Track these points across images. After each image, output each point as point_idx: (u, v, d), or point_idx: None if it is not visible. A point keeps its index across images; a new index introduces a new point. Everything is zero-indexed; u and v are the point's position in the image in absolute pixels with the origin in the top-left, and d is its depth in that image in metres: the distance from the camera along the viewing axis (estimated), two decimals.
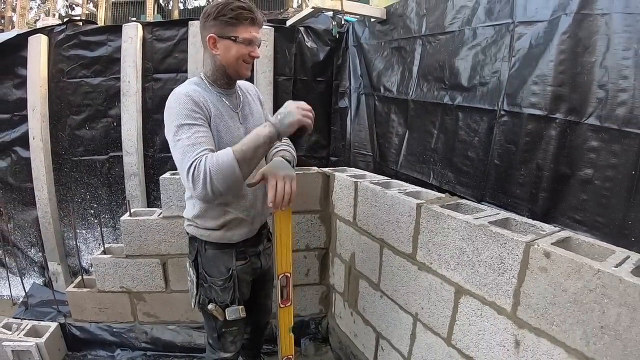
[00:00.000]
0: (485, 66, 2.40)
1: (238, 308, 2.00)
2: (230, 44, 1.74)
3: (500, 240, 1.63)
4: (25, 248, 4.54)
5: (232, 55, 1.76)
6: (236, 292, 2.00)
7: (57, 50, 4.15)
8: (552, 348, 1.46)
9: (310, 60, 4.04)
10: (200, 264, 2.00)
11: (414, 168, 2.96)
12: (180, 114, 1.66)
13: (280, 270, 2.00)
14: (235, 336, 2.16)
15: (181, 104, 1.67)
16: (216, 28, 1.73)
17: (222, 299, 1.99)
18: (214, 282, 1.98)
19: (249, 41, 1.75)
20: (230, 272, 1.98)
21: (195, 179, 1.55)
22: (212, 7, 1.74)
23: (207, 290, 2.01)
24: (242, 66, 1.80)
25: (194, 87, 1.78)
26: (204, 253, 1.99)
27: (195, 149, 1.59)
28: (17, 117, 4.29)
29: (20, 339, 2.99)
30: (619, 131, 1.73)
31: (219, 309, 1.99)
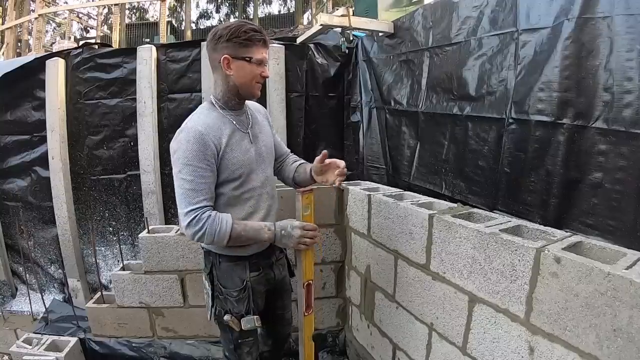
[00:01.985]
0: (491, 75, 2.42)
1: (253, 318, 2.01)
2: (244, 64, 1.79)
3: (511, 247, 1.64)
4: (46, 265, 4.62)
5: (246, 75, 1.81)
6: (251, 303, 2.02)
7: (74, 72, 4.25)
8: (566, 353, 1.45)
9: (321, 76, 4.10)
10: (215, 277, 2.03)
11: (426, 179, 2.97)
12: (187, 154, 1.74)
13: (305, 278, 2.04)
14: (251, 347, 2.17)
15: (190, 143, 1.74)
16: (229, 49, 1.77)
17: (237, 309, 2.01)
18: (229, 293, 2.00)
19: (261, 61, 1.82)
20: (245, 283, 2.00)
21: (190, 227, 1.74)
22: (223, 29, 1.79)
23: (222, 302, 2.03)
24: (255, 86, 1.87)
25: (206, 118, 1.84)
26: (218, 266, 2.02)
27: (196, 197, 1.75)
28: (36, 138, 4.40)
29: (40, 353, 3.02)
30: (626, 133, 1.74)
31: (235, 320, 2.00)
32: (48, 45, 9.37)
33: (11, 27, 9.31)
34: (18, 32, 9.81)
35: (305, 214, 1.91)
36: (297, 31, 6.02)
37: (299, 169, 2.18)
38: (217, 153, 1.80)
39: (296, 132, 4.16)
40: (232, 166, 1.84)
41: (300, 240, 1.85)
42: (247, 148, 1.92)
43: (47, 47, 8.93)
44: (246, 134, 1.94)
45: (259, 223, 1.88)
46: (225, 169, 1.83)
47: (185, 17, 11.24)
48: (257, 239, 1.86)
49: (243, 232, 1.81)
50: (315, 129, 4.23)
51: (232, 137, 1.86)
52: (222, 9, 20.03)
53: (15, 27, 9.48)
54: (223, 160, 1.82)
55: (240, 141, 1.89)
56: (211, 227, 1.74)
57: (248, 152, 1.92)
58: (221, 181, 1.85)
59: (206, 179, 1.77)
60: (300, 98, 4.12)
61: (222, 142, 1.81)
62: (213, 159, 1.78)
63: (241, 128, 1.92)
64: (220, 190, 1.87)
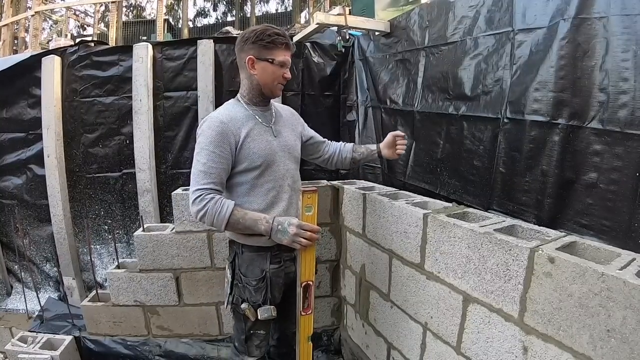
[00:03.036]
0: (487, 75, 2.42)
1: (270, 307, 2.07)
2: (267, 65, 1.92)
3: (505, 247, 1.64)
4: (41, 263, 4.61)
5: (268, 75, 1.94)
6: (268, 294, 2.08)
7: (70, 70, 4.25)
8: (560, 353, 1.45)
9: (318, 75, 4.11)
10: (237, 266, 2.10)
11: (421, 179, 2.97)
12: (206, 139, 1.88)
13: (304, 278, 2.04)
14: (261, 340, 2.23)
15: (210, 130, 1.88)
16: (254, 51, 1.90)
17: (254, 299, 2.07)
18: (248, 282, 2.07)
19: (283, 63, 1.94)
20: (264, 273, 2.06)
21: (194, 205, 1.85)
22: (250, 32, 1.92)
23: (241, 291, 2.10)
24: (276, 86, 2.00)
25: (229, 111, 1.97)
26: (241, 255, 2.09)
27: (205, 179, 1.86)
28: (32, 136, 4.39)
29: (35, 351, 3.02)
30: (621, 133, 1.74)
31: (251, 309, 2.06)
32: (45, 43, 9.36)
33: (8, 25, 9.28)
34: (15, 29, 9.78)
35: (308, 214, 1.91)
36: (294, 30, 6.00)
37: (357, 149, 2.44)
38: (237, 143, 1.91)
39: None
40: (252, 155, 1.94)
41: (295, 238, 1.86)
42: (269, 140, 2.02)
43: (43, 45, 8.91)
44: (269, 128, 2.05)
45: (259, 214, 1.92)
46: (246, 158, 1.94)
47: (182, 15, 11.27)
48: (253, 229, 1.90)
49: (241, 219, 1.87)
50: (311, 128, 4.13)
51: (254, 129, 1.97)
52: (219, 7, 20.03)
53: (12, 25, 9.46)
54: (242, 149, 1.93)
55: (261, 133, 2.00)
56: (212, 208, 1.83)
57: (270, 143, 2.01)
58: (242, 169, 1.96)
59: (218, 165, 1.87)
60: (297, 97, 4.14)
61: (242, 133, 1.93)
62: (229, 147, 1.89)
63: (264, 122, 2.04)
64: (242, 179, 1.98)
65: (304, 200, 1.89)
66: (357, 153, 2.43)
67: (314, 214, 1.92)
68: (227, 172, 1.93)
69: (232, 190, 2.01)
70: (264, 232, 1.89)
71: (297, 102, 4.13)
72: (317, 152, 2.46)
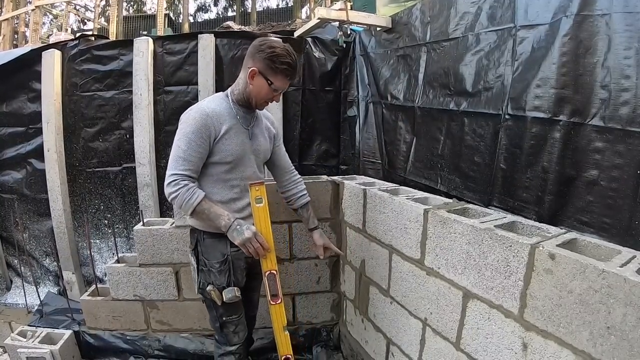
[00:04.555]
0: (489, 71, 2.42)
1: (234, 289, 2.15)
2: (264, 84, 2.01)
3: (505, 243, 1.63)
4: (40, 257, 4.61)
5: (261, 93, 2.04)
6: (231, 276, 2.18)
7: (71, 64, 4.23)
8: (560, 350, 1.45)
9: (319, 71, 4.09)
10: (200, 252, 2.21)
11: (421, 174, 2.97)
12: (189, 127, 1.98)
13: (266, 268, 2.15)
14: (236, 326, 2.32)
15: (194, 120, 1.99)
16: (261, 65, 1.98)
17: (219, 281, 2.16)
18: (212, 265, 2.17)
19: (278, 89, 2.05)
20: (226, 257, 2.16)
21: (169, 187, 1.98)
22: (269, 46, 1.97)
23: (206, 275, 2.20)
24: (263, 104, 2.12)
25: (215, 105, 2.07)
26: (202, 242, 2.19)
27: (183, 165, 1.99)
28: (32, 130, 4.38)
29: (34, 346, 3.01)
30: (623, 131, 1.74)
31: (217, 291, 2.15)
32: (45, 38, 9.34)
33: (8, 19, 9.24)
34: (15, 24, 9.75)
35: (258, 205, 2.03)
36: (295, 25, 5.98)
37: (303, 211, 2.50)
38: (215, 137, 2.02)
39: (292, 125, 4.16)
40: (225, 151, 2.05)
41: (245, 242, 2.01)
42: (243, 141, 2.12)
43: (43, 39, 8.89)
44: (246, 130, 2.15)
45: (223, 211, 2.04)
46: (219, 152, 2.05)
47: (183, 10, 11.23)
48: (215, 222, 2.02)
49: (206, 211, 2.00)
50: (312, 123, 4.24)
51: (232, 128, 2.07)
52: (220, 2, 19.99)
53: (12, 19, 9.42)
54: (218, 144, 2.03)
55: (238, 133, 2.10)
56: (183, 194, 1.96)
57: (243, 144, 2.12)
58: (214, 161, 2.07)
59: (196, 154, 1.99)
60: (297, 92, 4.12)
61: (222, 129, 2.03)
62: (208, 139, 2.00)
63: (243, 124, 2.14)
64: (212, 170, 2.10)
65: (252, 192, 2.02)
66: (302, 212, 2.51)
67: (265, 205, 2.04)
68: (203, 161, 2.04)
69: (201, 178, 2.10)
70: (222, 227, 2.02)
71: (298, 98, 4.13)
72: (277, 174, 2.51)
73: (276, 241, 3.02)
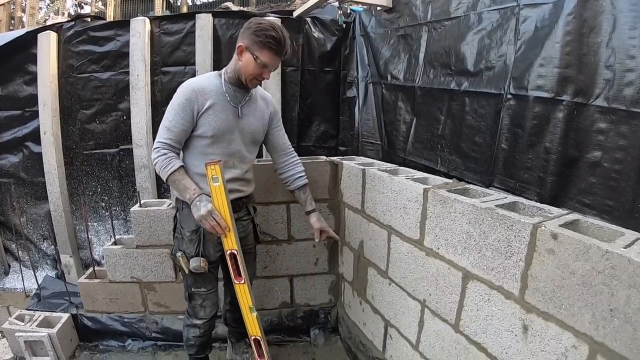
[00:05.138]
0: (491, 50, 2.38)
1: (200, 259, 2.22)
2: (251, 59, 2.04)
3: (507, 222, 1.61)
4: (38, 241, 4.60)
5: (248, 69, 2.07)
6: (200, 246, 2.25)
7: (67, 46, 4.18)
8: (561, 332, 1.43)
9: (318, 51, 4.04)
10: (178, 220, 2.30)
11: (421, 155, 2.94)
12: (177, 100, 2.09)
13: (226, 247, 2.17)
14: (204, 300, 2.40)
15: (182, 94, 2.09)
16: (248, 41, 2.03)
17: (189, 250, 2.25)
18: (184, 233, 2.26)
19: (265, 65, 2.05)
20: (198, 227, 2.21)
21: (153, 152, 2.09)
22: (257, 23, 2.03)
23: (179, 242, 2.29)
24: (252, 81, 2.13)
25: (204, 82, 2.14)
26: (182, 211, 2.27)
27: (167, 134, 2.08)
28: (28, 113, 4.34)
29: (32, 329, 3.01)
30: (627, 112, 1.71)
31: (184, 258, 2.24)
32: (42, 22, 9.23)
33: (4, 4, 9.13)
34: (11, 9, 9.64)
35: (215, 185, 2.02)
36: (294, 5, 5.91)
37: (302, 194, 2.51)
38: (199, 111, 2.09)
39: (291, 106, 4.12)
40: (207, 125, 2.12)
41: (201, 218, 2.05)
42: (228, 118, 2.17)
43: (40, 24, 8.79)
44: (235, 108, 2.19)
45: (193, 185, 2.11)
46: (202, 126, 2.12)
47: None
48: (182, 193, 2.11)
49: (177, 182, 2.09)
50: (311, 104, 4.20)
51: (217, 104, 2.13)
52: None
53: (8, 4, 9.31)
54: (201, 118, 2.11)
55: (223, 110, 2.15)
56: (161, 162, 2.06)
57: (227, 121, 2.17)
58: (197, 135, 2.14)
59: (180, 126, 2.09)
60: (296, 72, 4.08)
61: (206, 104, 2.09)
62: (192, 113, 2.08)
63: (232, 101, 2.18)
64: (195, 143, 2.17)
65: (208, 172, 2.01)
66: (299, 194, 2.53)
67: (221, 185, 2.03)
68: (186, 133, 2.13)
69: (186, 150, 2.21)
70: (187, 200, 2.09)
71: (297, 78, 4.08)
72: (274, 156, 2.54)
73: (274, 222, 3.03)
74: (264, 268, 3.14)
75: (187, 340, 2.54)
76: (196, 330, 2.46)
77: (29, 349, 3.00)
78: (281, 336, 3.28)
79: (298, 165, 2.50)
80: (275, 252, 3.12)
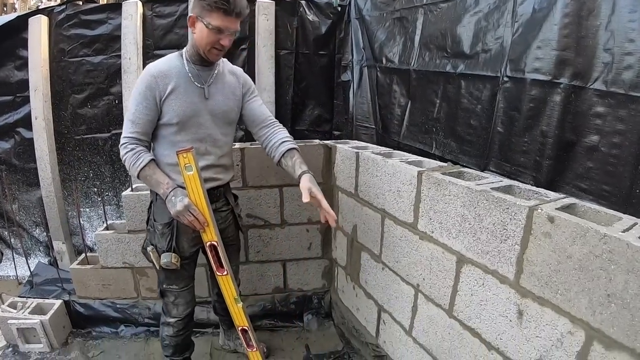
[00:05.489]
0: (487, 33, 2.34)
1: (171, 254, 2.12)
2: (203, 27, 1.89)
3: (502, 205, 1.59)
4: (30, 228, 4.56)
5: (202, 39, 1.93)
6: (173, 241, 2.15)
7: (58, 30, 4.11)
8: (557, 318, 1.42)
9: (312, 34, 3.98)
10: (152, 212, 2.22)
11: (416, 138, 2.91)
12: (137, 88, 1.98)
13: (206, 239, 2.10)
14: (176, 297, 2.32)
15: (141, 81, 1.97)
16: (198, 9, 1.88)
17: (160, 244, 2.17)
18: (156, 227, 2.17)
19: (219, 29, 1.88)
20: (171, 220, 2.12)
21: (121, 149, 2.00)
22: None
23: (151, 235, 2.22)
24: (211, 52, 1.97)
25: (163, 65, 2.02)
26: (156, 202, 2.19)
27: (132, 128, 1.98)
28: (19, 99, 4.27)
29: (25, 316, 3.00)
30: (625, 96, 1.67)
31: (155, 253, 2.17)
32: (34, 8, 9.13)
33: None
34: None
35: (189, 173, 1.91)
36: None
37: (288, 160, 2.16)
38: (161, 97, 1.97)
39: (285, 90, 4.06)
40: (172, 112, 2.00)
41: (179, 214, 1.96)
42: (194, 101, 2.05)
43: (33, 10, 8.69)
44: (200, 89, 2.07)
45: (165, 178, 2.01)
46: (167, 113, 2.00)
47: None
48: (156, 188, 2.03)
49: (149, 177, 1.99)
50: (305, 88, 4.14)
51: (180, 87, 2.00)
52: None
53: None
54: (165, 104, 1.99)
55: (188, 92, 2.03)
56: (130, 158, 1.96)
57: (193, 104, 2.04)
58: (163, 123, 2.03)
59: (144, 116, 1.98)
60: (290, 55, 4.01)
61: (168, 89, 1.97)
62: (154, 100, 1.97)
63: (196, 81, 2.05)
64: (162, 132, 2.06)
65: (180, 160, 1.89)
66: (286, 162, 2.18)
67: (195, 173, 1.91)
68: (152, 123, 2.02)
69: (154, 140, 2.11)
70: (161, 195, 2.01)
71: (291, 61, 4.02)
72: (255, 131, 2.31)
73: (267, 206, 3.00)
74: (257, 253, 3.12)
75: (162, 340, 2.46)
76: (170, 328, 2.39)
77: (21, 336, 2.99)
78: (274, 321, 3.28)
79: (281, 132, 2.24)
80: (268, 237, 3.11)
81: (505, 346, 1.66)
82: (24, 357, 3.00)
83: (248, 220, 3.06)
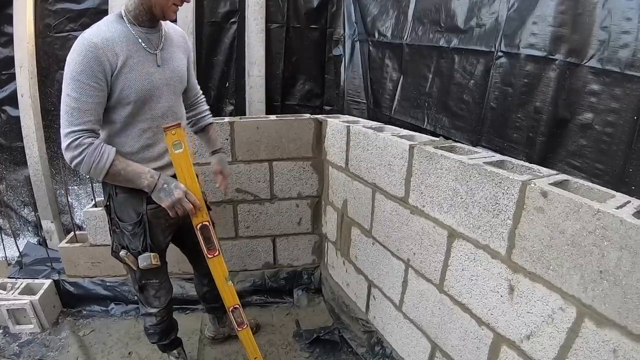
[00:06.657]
0: (482, 7, 2.30)
1: (150, 255, 1.92)
2: None
3: (495, 179, 1.57)
4: (18, 208, 4.51)
5: None
6: (147, 239, 1.92)
7: (43, 5, 4.02)
8: (548, 294, 1.42)
9: (304, 7, 3.91)
10: (112, 209, 1.94)
11: (408, 113, 2.88)
12: (77, 67, 1.57)
13: (197, 221, 1.90)
14: (157, 290, 2.13)
15: (81, 56, 1.57)
16: None
17: (134, 245, 1.93)
18: (124, 227, 1.92)
19: None
20: (140, 216, 1.90)
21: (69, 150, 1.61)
22: None
23: (119, 237, 1.96)
24: (170, 8, 1.70)
25: (104, 31, 1.65)
26: (115, 197, 1.90)
27: (81, 117, 1.59)
28: (4, 76, 4.19)
29: (15, 297, 2.98)
30: (621, 74, 1.65)
31: (131, 257, 1.94)
32: None
33: None
34: None
35: (177, 152, 1.73)
36: None
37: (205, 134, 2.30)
38: (112, 72, 1.63)
39: (276, 64, 3.98)
40: (127, 89, 1.69)
41: (175, 204, 1.75)
42: (149, 71, 1.75)
43: None
44: (153, 55, 1.77)
45: (143, 168, 1.75)
46: (119, 91, 1.68)
47: None
48: (135, 183, 1.74)
49: (123, 171, 1.70)
50: (296, 62, 4.08)
51: (133, 56, 1.70)
52: None
53: None
54: (117, 80, 1.66)
55: (142, 62, 1.73)
56: (90, 156, 1.61)
57: (150, 76, 1.76)
58: (113, 104, 1.71)
59: (94, 99, 1.61)
60: (281, 29, 3.93)
61: (119, 60, 1.65)
62: (104, 77, 1.62)
63: (148, 47, 1.75)
64: (113, 115, 1.74)
65: (168, 137, 1.69)
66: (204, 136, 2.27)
67: (185, 151, 1.74)
68: (103, 107, 1.68)
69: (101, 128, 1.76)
70: (145, 188, 1.75)
71: (282, 35, 3.94)
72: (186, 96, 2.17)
73: (256, 180, 2.98)
74: (247, 228, 3.12)
75: (146, 330, 2.31)
76: (152, 318, 2.22)
77: (12, 318, 2.99)
78: (264, 297, 3.29)
79: (204, 104, 2.22)
80: (258, 212, 3.10)
81: (496, 321, 1.67)
82: (15, 338, 2.99)
83: (237, 195, 3.04)
